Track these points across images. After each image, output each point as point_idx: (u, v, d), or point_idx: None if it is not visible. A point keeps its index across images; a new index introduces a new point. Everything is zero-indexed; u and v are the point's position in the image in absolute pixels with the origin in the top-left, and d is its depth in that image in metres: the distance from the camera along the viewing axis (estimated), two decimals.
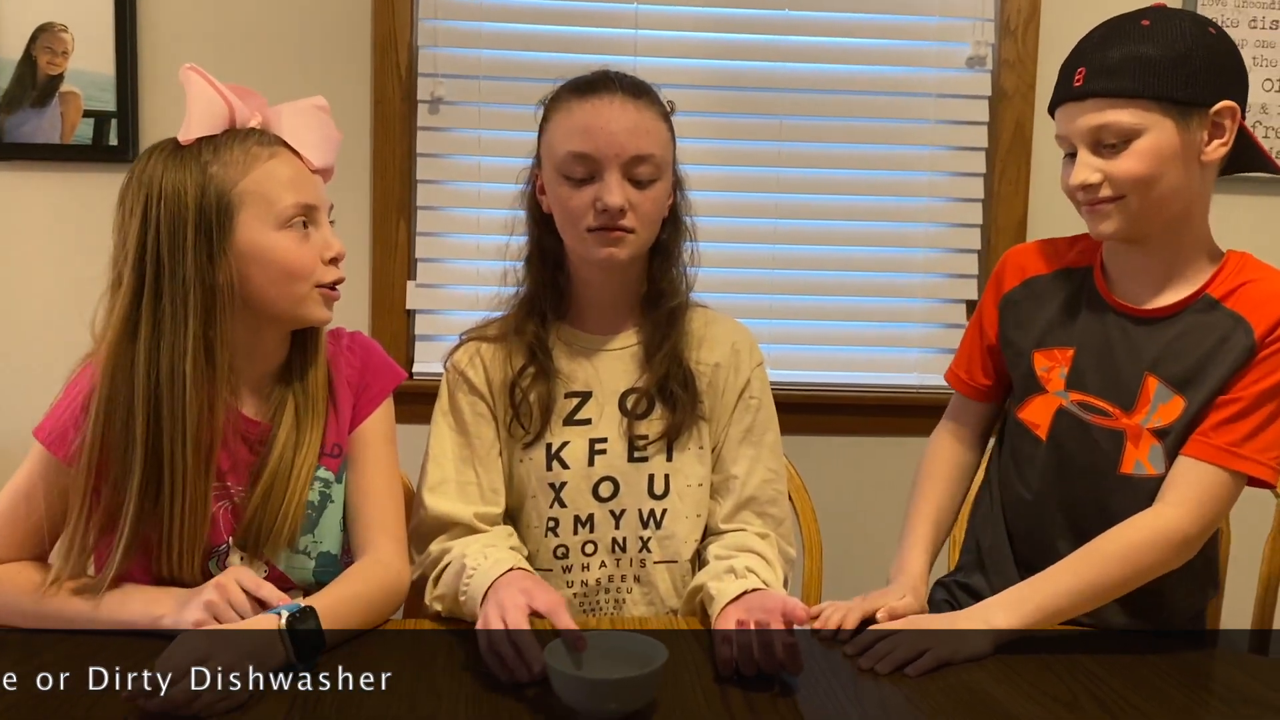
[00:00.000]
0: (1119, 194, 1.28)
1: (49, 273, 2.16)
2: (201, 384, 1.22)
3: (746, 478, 1.45)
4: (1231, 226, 2.27)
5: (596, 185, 1.35)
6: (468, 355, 1.46)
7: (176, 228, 1.21)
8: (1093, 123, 1.28)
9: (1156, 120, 1.26)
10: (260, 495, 1.28)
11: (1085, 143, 1.30)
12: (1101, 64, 1.28)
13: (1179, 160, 1.27)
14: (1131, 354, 1.33)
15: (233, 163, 1.24)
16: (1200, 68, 1.26)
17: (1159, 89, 1.25)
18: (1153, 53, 1.26)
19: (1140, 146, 1.26)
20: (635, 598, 1.45)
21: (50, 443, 1.26)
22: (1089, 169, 1.29)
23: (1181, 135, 1.26)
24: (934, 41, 2.28)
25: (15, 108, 2.12)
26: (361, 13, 2.16)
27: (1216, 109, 1.27)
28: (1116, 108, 1.26)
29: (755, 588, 1.27)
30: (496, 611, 1.17)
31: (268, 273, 1.25)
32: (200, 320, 1.22)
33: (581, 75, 1.41)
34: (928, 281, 2.32)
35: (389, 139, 2.18)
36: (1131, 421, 1.33)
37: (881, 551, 2.30)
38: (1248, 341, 1.27)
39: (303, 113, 1.32)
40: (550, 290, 1.45)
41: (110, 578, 1.21)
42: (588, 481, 1.43)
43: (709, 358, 1.47)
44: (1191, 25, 1.28)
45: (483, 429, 1.44)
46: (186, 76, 1.26)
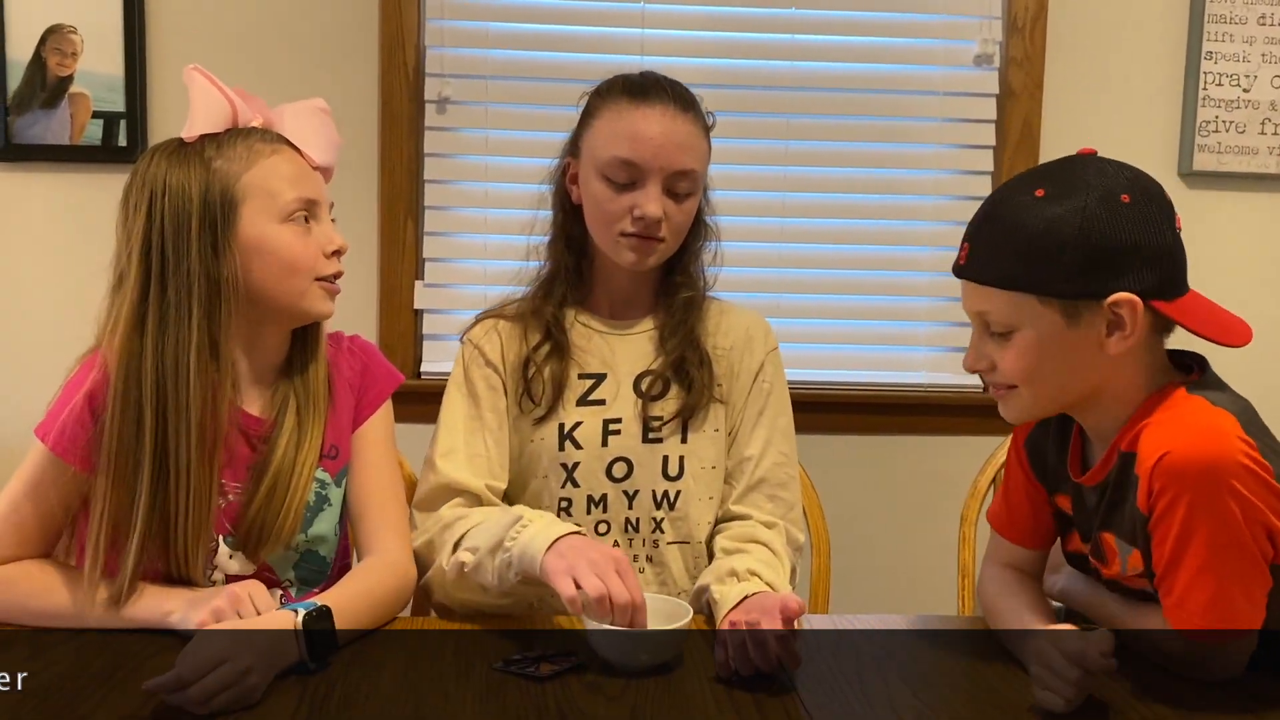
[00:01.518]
0: (1009, 384, 1.18)
1: (58, 273, 2.16)
2: (206, 377, 1.23)
3: (759, 459, 1.46)
4: (1233, 226, 2.29)
5: (635, 193, 1.38)
6: (484, 330, 1.49)
7: (181, 222, 1.22)
8: (975, 308, 1.17)
9: (1034, 315, 1.12)
10: (264, 493, 1.28)
11: (975, 324, 1.19)
12: (982, 244, 1.15)
13: (1069, 355, 1.13)
14: (1088, 516, 1.25)
15: (236, 158, 1.25)
16: (1091, 255, 1.08)
17: (1037, 282, 1.10)
18: (1036, 236, 1.09)
19: (1020, 342, 1.14)
20: (648, 578, 1.45)
21: (51, 441, 1.26)
22: (976, 354, 1.19)
23: (1069, 331, 1.12)
24: (941, 39, 2.27)
25: (25, 109, 2.12)
26: (369, 13, 2.17)
27: (1112, 301, 1.10)
28: (993, 298, 1.14)
29: (756, 591, 1.27)
30: (596, 557, 1.19)
31: (269, 266, 1.26)
32: (204, 313, 1.23)
33: (630, 75, 1.44)
34: (935, 280, 2.32)
35: (396, 139, 2.19)
36: (1113, 572, 1.24)
37: (888, 549, 2.31)
38: (1137, 503, 1.14)
39: (304, 113, 1.34)
40: (571, 275, 1.48)
41: (129, 577, 1.21)
42: (601, 462, 1.43)
43: (724, 342, 1.50)
44: (1096, 196, 1.09)
45: (495, 402, 1.46)
46: (190, 77, 1.28)
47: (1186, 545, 1.09)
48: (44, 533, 1.29)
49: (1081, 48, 2.26)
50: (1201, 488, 1.07)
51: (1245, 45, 2.25)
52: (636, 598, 1.17)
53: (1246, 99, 2.25)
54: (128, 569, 1.21)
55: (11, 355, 2.18)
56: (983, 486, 1.66)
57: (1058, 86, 2.26)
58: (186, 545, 1.23)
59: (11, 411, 2.12)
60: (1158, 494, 1.10)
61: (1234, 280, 2.21)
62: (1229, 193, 2.29)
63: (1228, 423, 1.10)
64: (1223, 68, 2.25)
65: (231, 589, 1.19)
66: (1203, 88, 2.25)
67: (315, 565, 1.36)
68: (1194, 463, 1.07)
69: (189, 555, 1.24)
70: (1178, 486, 1.08)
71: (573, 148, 1.47)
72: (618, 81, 1.44)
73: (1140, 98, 2.27)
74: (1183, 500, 1.08)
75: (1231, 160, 2.26)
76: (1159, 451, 1.09)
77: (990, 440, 1.73)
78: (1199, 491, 1.07)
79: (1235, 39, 2.24)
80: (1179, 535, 1.09)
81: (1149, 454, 1.10)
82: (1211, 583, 1.09)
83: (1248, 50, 2.25)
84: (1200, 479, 1.07)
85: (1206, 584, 1.10)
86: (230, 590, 1.19)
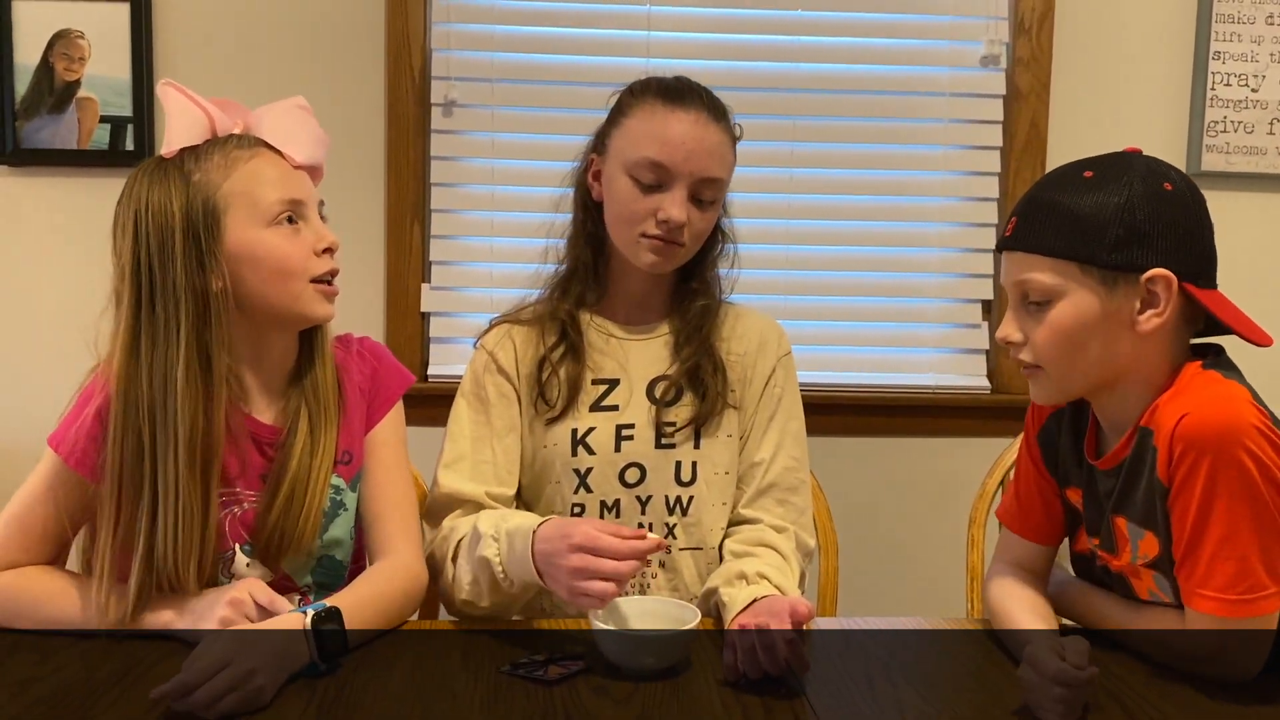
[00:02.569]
0: (1036, 363, 1.21)
1: (66, 277, 2.17)
2: (194, 391, 1.22)
3: (769, 464, 1.47)
4: (1241, 226, 2.28)
5: (661, 195, 1.39)
6: (497, 337, 1.50)
7: (165, 239, 1.22)
8: (1016, 277, 1.21)
9: (1075, 285, 1.17)
10: (281, 503, 1.28)
11: (1013, 296, 1.23)
12: (1031, 216, 1.20)
13: (1101, 330, 1.17)
14: (1100, 500, 1.26)
15: (214, 168, 1.25)
16: (1134, 230, 1.15)
17: (1081, 250, 1.16)
18: (1083, 209, 1.16)
19: (1056, 314, 1.18)
20: (660, 583, 1.45)
21: (63, 451, 1.26)
22: (1012, 325, 1.22)
23: (1104, 303, 1.16)
24: (947, 40, 2.27)
25: (33, 114, 2.13)
26: (375, 17, 2.17)
27: (1148, 276, 1.15)
28: (1038, 266, 1.18)
29: (765, 595, 1.27)
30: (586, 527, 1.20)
31: (260, 272, 1.26)
32: (192, 327, 1.22)
33: (664, 78, 1.44)
34: (942, 281, 2.32)
35: (403, 142, 2.19)
36: (1122, 563, 1.25)
37: (896, 551, 2.31)
38: (1157, 474, 1.17)
39: (283, 113, 1.33)
40: (589, 273, 1.48)
41: (134, 596, 1.20)
42: (614, 467, 1.44)
43: (738, 347, 1.50)
44: (1140, 180, 1.16)
45: (505, 410, 1.46)
46: (164, 92, 1.28)
47: (1209, 513, 1.12)
48: (52, 539, 1.29)
49: (1088, 48, 2.26)
50: (1222, 449, 1.11)
51: (1253, 45, 2.24)
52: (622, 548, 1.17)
53: (1255, 99, 2.25)
54: (133, 588, 1.21)
55: (20, 359, 2.18)
56: (991, 488, 1.66)
57: (1065, 87, 2.26)
58: (177, 559, 1.22)
59: (19, 414, 2.13)
60: (1178, 459, 1.13)
61: (1242, 281, 2.17)
62: (1237, 193, 2.29)
63: (1240, 392, 1.16)
64: (1231, 68, 2.24)
65: (231, 596, 1.19)
66: (1210, 88, 2.24)
67: (331, 569, 1.36)
68: (1211, 424, 1.12)
69: (179, 571, 1.22)
70: (1198, 449, 1.12)
71: (598, 144, 1.47)
72: (652, 83, 1.44)
73: (1148, 98, 2.27)
74: (1204, 463, 1.11)
75: (1240, 160, 2.25)
76: (1176, 416, 1.14)
77: (998, 442, 1.73)
78: (1219, 453, 1.11)
79: (1243, 39, 2.23)
80: (1201, 503, 1.12)
81: (1167, 421, 1.15)
82: (1235, 555, 1.12)
83: (1256, 50, 2.24)
84: (1219, 440, 1.11)
85: (1230, 556, 1.12)
86: (230, 598, 1.18)
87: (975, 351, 2.32)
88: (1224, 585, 1.12)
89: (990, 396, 2.29)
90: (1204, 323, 1.22)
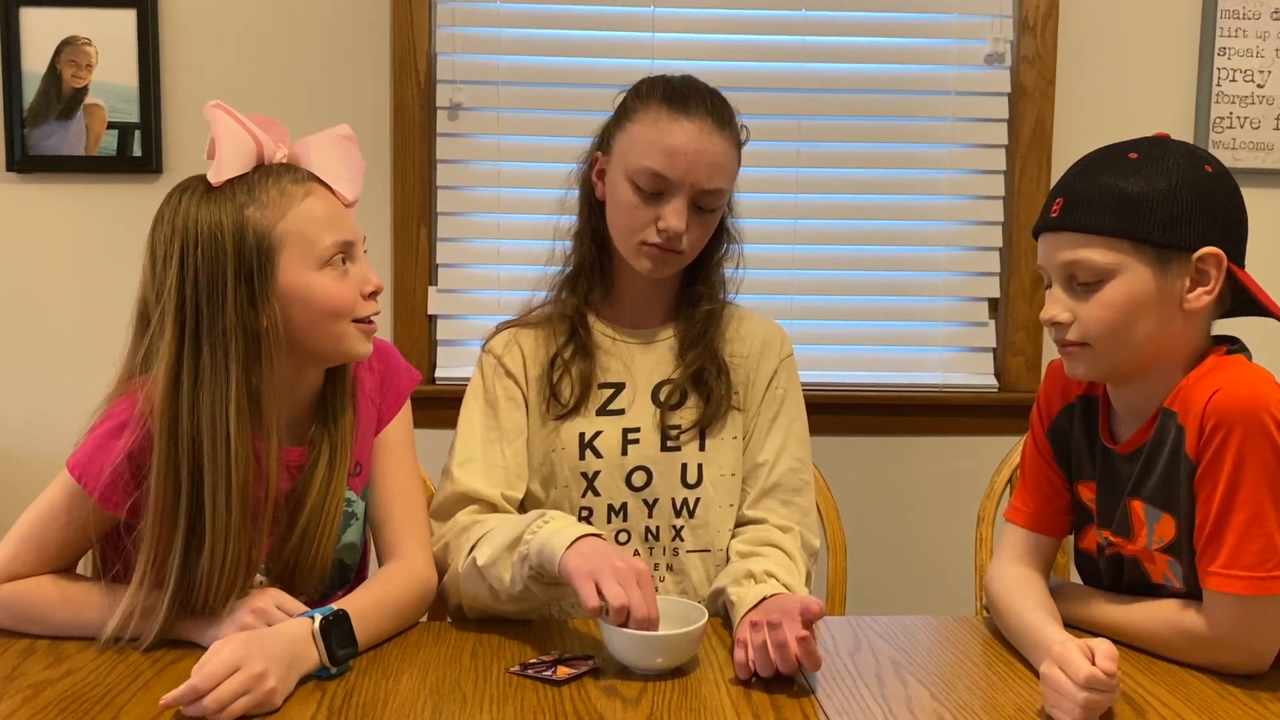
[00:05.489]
0: (1085, 341, 1.21)
1: (75, 283, 2.18)
2: (246, 435, 1.19)
3: (773, 465, 1.47)
4: None
5: (661, 205, 1.38)
6: (504, 341, 1.49)
7: (216, 275, 1.17)
8: (1065, 258, 1.20)
9: (1131, 262, 1.18)
10: (297, 538, 1.27)
11: (1059, 277, 1.22)
12: (1079, 196, 1.20)
13: (1154, 308, 1.18)
14: (1117, 484, 1.27)
15: (269, 204, 1.20)
16: (1185, 209, 1.17)
17: (1135, 228, 1.17)
18: (1133, 189, 1.17)
19: (1110, 293, 1.18)
20: (668, 586, 1.45)
21: (86, 484, 1.21)
22: (1060, 306, 1.22)
23: (1158, 281, 1.18)
24: (952, 39, 2.27)
25: (41, 120, 2.14)
26: (381, 21, 2.18)
27: (1200, 254, 1.18)
28: (1089, 245, 1.18)
29: (774, 593, 1.27)
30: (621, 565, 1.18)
31: (309, 313, 1.23)
32: (243, 369, 1.18)
33: (671, 79, 1.43)
34: (949, 280, 2.31)
35: (409, 146, 2.20)
36: (1137, 548, 1.26)
37: (904, 550, 2.31)
38: (1186, 450, 1.18)
39: (330, 145, 1.29)
40: (595, 270, 1.48)
41: (161, 623, 1.18)
42: (621, 471, 1.44)
43: (741, 350, 1.50)
44: (1183, 161, 1.19)
45: (513, 413, 1.46)
46: (213, 114, 1.22)
47: (1236, 491, 1.14)
48: (66, 557, 1.28)
49: (1093, 45, 2.25)
50: (1252, 424, 1.13)
51: (1259, 40, 2.24)
52: (653, 613, 1.17)
53: (1260, 94, 2.24)
54: (160, 616, 1.18)
55: (28, 365, 2.19)
56: (999, 486, 1.65)
57: (1070, 84, 2.26)
58: (216, 594, 1.19)
59: (29, 421, 2.13)
60: (1209, 434, 1.15)
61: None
62: (1243, 189, 2.26)
63: (1268, 374, 1.19)
64: (1236, 63, 2.24)
65: (255, 605, 1.18)
66: (1216, 84, 2.24)
67: (341, 573, 1.37)
68: (1242, 400, 1.14)
69: (214, 602, 1.20)
70: (1229, 423, 1.14)
71: (603, 143, 1.46)
72: (658, 85, 1.42)
73: (1153, 94, 2.27)
74: (1234, 437, 1.13)
75: (1246, 156, 2.25)
76: (1207, 394, 1.16)
77: (1006, 440, 1.72)
78: (1249, 428, 1.13)
79: (1248, 34, 2.23)
80: (1229, 480, 1.14)
81: (1198, 400, 1.17)
82: (1262, 533, 1.13)
83: (1261, 45, 2.24)
84: (1250, 414, 1.13)
85: (1259, 534, 1.13)
86: (254, 606, 1.18)
87: (982, 350, 2.32)
88: (1251, 563, 1.14)
89: (998, 395, 2.28)
90: (1230, 304, 1.24)
